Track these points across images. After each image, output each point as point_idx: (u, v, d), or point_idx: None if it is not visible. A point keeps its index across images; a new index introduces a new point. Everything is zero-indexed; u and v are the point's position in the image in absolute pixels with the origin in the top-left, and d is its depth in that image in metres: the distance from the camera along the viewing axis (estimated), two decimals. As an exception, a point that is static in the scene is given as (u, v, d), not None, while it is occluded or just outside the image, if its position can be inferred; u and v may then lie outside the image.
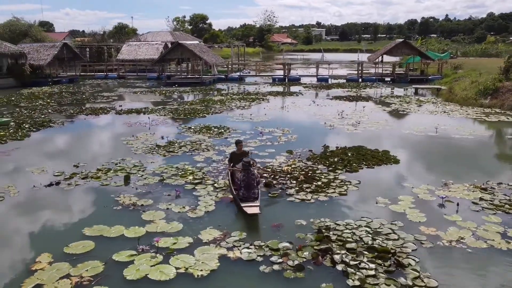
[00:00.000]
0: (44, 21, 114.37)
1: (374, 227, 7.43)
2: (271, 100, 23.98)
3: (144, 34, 64.45)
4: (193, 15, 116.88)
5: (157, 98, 25.62)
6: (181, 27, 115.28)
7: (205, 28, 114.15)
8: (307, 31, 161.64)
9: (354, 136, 14.63)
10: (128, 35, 78.08)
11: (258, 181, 8.76)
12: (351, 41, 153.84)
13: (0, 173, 10.91)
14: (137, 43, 44.46)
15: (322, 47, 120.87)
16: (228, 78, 35.83)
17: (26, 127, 16.17)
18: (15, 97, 25.39)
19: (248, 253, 6.59)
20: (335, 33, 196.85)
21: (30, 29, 63.13)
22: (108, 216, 8.01)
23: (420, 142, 13.99)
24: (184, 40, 59.50)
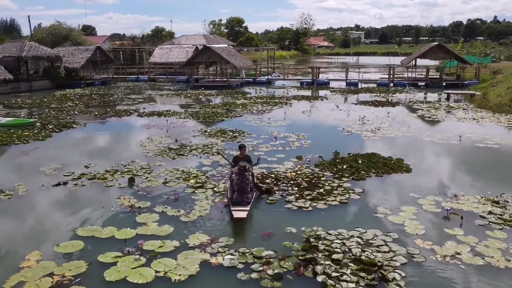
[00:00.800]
0: (87, 25, 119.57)
1: (367, 238, 7.23)
2: (294, 104, 23.86)
3: (178, 38, 65.89)
4: (230, 19, 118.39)
5: (182, 101, 26.10)
6: (217, 30, 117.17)
7: (240, 31, 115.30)
8: (344, 34, 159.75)
9: (371, 143, 14.30)
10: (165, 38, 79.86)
11: (252, 186, 8.76)
12: (391, 44, 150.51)
13: (15, 172, 11.51)
14: (168, 47, 45.52)
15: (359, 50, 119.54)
16: (256, 82, 35.96)
17: (50, 127, 16.93)
18: (48, 98, 26.65)
19: (230, 259, 6.58)
20: (374, 36, 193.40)
21: (70, 33, 66.18)
22: (104, 217, 8.24)
23: (439, 150, 13.46)
24: (217, 43, 60.45)
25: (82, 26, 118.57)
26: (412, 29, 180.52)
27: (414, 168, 11.30)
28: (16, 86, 30.62)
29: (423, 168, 11.42)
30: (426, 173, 11.03)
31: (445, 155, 12.95)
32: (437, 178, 10.63)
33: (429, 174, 10.97)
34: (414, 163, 11.74)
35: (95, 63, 36.87)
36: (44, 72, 33.10)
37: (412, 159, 12.05)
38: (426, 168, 11.52)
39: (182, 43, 53.40)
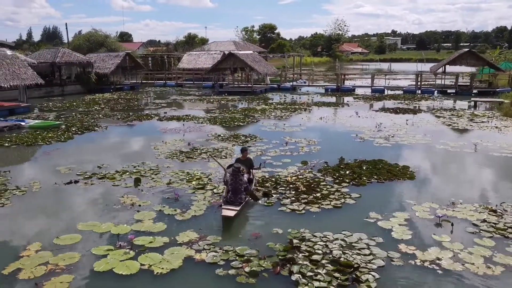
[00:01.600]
0: (124, 32, 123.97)
1: (351, 241, 7.40)
2: (314, 110, 24.02)
3: (208, 44, 67.33)
4: (262, 25, 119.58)
5: (203, 106, 26.80)
6: (249, 37, 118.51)
7: (272, 38, 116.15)
8: (380, 40, 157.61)
9: (381, 150, 14.31)
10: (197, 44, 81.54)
11: (246, 187, 9.13)
12: (430, 50, 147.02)
13: (34, 170, 12.38)
14: (196, 53, 46.69)
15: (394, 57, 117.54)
16: (281, 88, 36.30)
17: (73, 130, 17.92)
18: (77, 102, 28.05)
19: (213, 256, 6.94)
20: (412, 41, 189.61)
21: (105, 40, 68.93)
22: (105, 214, 8.80)
23: (450, 158, 13.32)
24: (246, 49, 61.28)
25: (120, 33, 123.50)
26: (452, 34, 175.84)
27: (418, 176, 11.30)
28: (50, 91, 32.41)
29: (427, 176, 11.39)
30: (429, 181, 11.00)
31: (454, 164, 12.81)
32: (439, 186, 10.59)
33: (432, 182, 10.93)
34: (419, 170, 11.73)
35: (125, 69, 38.38)
36: (76, 77, 34.84)
37: (419, 167, 12.03)
38: (431, 175, 11.47)
39: (212, 50, 54.59)
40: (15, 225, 8.36)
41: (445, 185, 10.69)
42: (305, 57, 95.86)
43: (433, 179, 11.18)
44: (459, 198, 9.52)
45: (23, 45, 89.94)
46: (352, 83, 39.53)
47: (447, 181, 11.03)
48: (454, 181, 11.12)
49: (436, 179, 11.20)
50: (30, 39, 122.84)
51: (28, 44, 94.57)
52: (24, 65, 24.38)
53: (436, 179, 11.16)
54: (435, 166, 12.44)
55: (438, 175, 11.54)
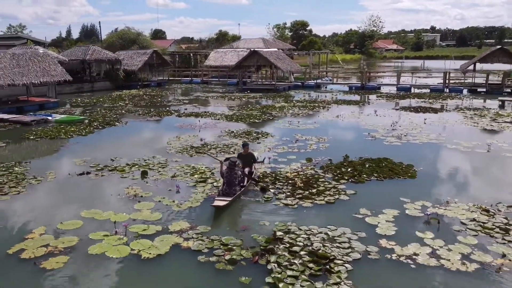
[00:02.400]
0: (158, 29, 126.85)
1: (333, 235, 7.69)
2: (333, 108, 24.10)
3: (237, 41, 67.98)
4: (294, 22, 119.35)
5: (224, 103, 27.39)
6: (281, 34, 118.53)
7: (304, 35, 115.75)
8: (417, 36, 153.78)
9: (390, 149, 14.38)
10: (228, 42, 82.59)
11: (240, 180, 9.68)
12: (471, 47, 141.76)
13: (52, 161, 13.30)
14: (223, 50, 47.42)
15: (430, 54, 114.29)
16: (304, 86, 36.43)
17: (95, 124, 18.90)
18: (104, 98, 29.31)
19: (199, 244, 7.42)
20: (452, 38, 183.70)
21: (138, 37, 71.05)
22: (108, 203, 9.46)
23: (458, 158, 13.25)
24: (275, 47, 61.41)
25: (154, 30, 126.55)
26: (496, 30, 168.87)
27: (421, 174, 11.37)
28: (80, 87, 33.97)
29: (429, 175, 11.42)
30: (430, 180, 11.03)
31: (461, 163, 12.74)
32: (438, 185, 10.64)
33: (433, 181, 10.97)
34: (423, 169, 11.78)
35: (152, 66, 39.58)
36: (105, 74, 36.30)
37: (424, 166, 12.07)
38: (433, 175, 11.50)
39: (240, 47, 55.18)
40: (25, 211, 9.13)
41: (445, 184, 10.73)
42: (336, 55, 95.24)
43: (434, 178, 11.21)
44: (456, 197, 9.59)
45: (63, 43, 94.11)
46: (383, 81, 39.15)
47: (448, 181, 11.06)
48: (456, 180, 11.13)
49: (437, 178, 11.23)
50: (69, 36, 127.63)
51: (67, 42, 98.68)
52: (54, 63, 25.76)
53: (437, 179, 11.19)
54: (440, 166, 12.43)
55: (440, 175, 11.55)
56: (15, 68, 23.15)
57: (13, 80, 22.52)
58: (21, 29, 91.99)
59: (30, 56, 24.74)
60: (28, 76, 23.42)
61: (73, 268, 6.71)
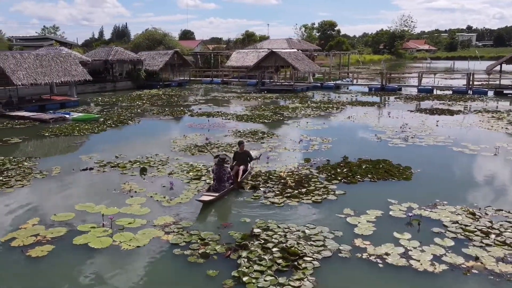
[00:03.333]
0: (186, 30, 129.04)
1: (310, 233, 7.86)
2: (347, 109, 24.03)
3: (261, 42, 68.42)
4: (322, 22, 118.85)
5: (239, 103, 27.74)
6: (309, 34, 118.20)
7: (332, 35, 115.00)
8: (451, 36, 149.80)
9: (393, 150, 14.33)
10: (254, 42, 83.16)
11: (229, 177, 10.02)
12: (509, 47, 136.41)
13: (60, 157, 13.99)
14: (245, 51, 47.85)
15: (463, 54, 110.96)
16: (323, 86, 36.35)
17: (109, 123, 19.63)
18: (123, 97, 30.23)
19: (178, 238, 7.75)
20: (489, 38, 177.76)
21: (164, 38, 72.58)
22: (103, 197, 9.93)
23: (462, 161, 13.08)
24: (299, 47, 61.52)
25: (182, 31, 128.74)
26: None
27: (416, 177, 11.33)
28: (103, 86, 35.16)
29: (425, 177, 11.35)
30: (424, 182, 10.99)
31: (461, 166, 12.59)
32: (431, 188, 10.57)
33: (427, 183, 10.91)
34: (420, 171, 11.73)
35: (173, 66, 40.46)
36: (127, 74, 37.40)
37: (422, 168, 12.00)
38: (429, 177, 11.41)
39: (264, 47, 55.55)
40: (25, 203, 9.71)
41: (438, 187, 10.65)
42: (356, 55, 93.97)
43: (429, 180, 11.13)
44: (446, 199, 9.52)
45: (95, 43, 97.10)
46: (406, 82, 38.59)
47: (443, 183, 10.96)
48: (450, 183, 11.02)
49: (432, 181, 11.14)
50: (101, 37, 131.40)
51: (99, 43, 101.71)
52: (75, 63, 26.84)
53: (432, 181, 11.10)
54: (439, 168, 12.30)
55: (436, 177, 11.45)
56: (38, 68, 24.28)
57: (36, 80, 23.63)
58: (54, 31, 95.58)
59: (53, 56, 25.88)
60: (50, 76, 24.51)
61: (55, 256, 7.18)
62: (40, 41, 43.53)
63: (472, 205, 9.25)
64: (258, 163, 12.58)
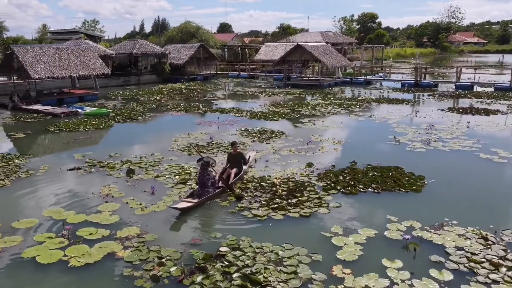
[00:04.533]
0: (224, 23, 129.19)
1: (284, 256, 6.84)
2: (372, 107, 22.51)
3: (294, 35, 66.72)
4: (362, 14, 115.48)
5: (259, 98, 26.72)
6: (348, 27, 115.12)
7: (373, 28, 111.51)
8: (503, 28, 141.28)
9: (409, 155, 12.96)
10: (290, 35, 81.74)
11: (213, 182, 9.34)
12: None
13: (53, 155, 13.62)
14: (274, 44, 46.66)
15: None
16: (353, 82, 34.64)
17: (118, 118, 19.22)
18: (143, 91, 29.95)
19: (134, 254, 6.95)
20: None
21: (197, 31, 72.61)
22: (76, 201, 9.31)
23: (486, 171, 11.55)
24: (334, 40, 59.60)
25: (220, 24, 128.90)
26: None
27: (428, 188, 9.99)
28: (127, 80, 35.16)
29: (439, 189, 9.98)
30: (435, 196, 9.62)
31: (485, 177, 11.08)
32: (443, 202, 9.24)
33: (439, 197, 9.56)
34: (434, 182, 10.37)
35: (199, 60, 39.93)
36: (152, 67, 37.20)
37: (437, 178, 10.63)
38: (444, 189, 10.02)
39: (298, 40, 54.09)
40: (-6, 205, 9.26)
41: (451, 202, 9.29)
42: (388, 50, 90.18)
43: (442, 194, 9.76)
44: (457, 218, 8.20)
45: (136, 37, 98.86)
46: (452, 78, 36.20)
47: (458, 198, 9.58)
48: (467, 198, 9.60)
49: (445, 194, 9.76)
50: (142, 31, 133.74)
51: (140, 36, 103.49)
52: (95, 56, 26.74)
53: (445, 195, 9.72)
54: (457, 179, 10.87)
55: (451, 190, 10.05)
56: (57, 62, 24.30)
57: (53, 73, 23.65)
58: (94, 24, 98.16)
59: (73, 50, 25.88)
60: (68, 69, 24.49)
61: (-6, 271, 6.56)
62: (70, 35, 44.26)
63: (488, 227, 7.87)
64: (253, 166, 11.69)
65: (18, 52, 23.54)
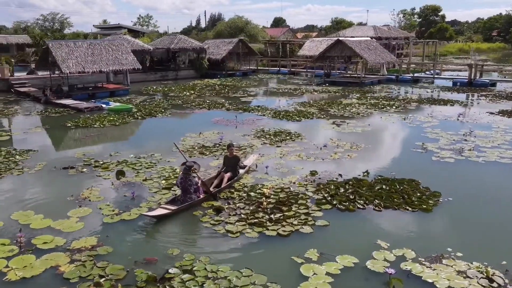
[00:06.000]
0: (278, 17, 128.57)
1: (239, 284, 6.00)
2: (411, 108, 20.73)
3: (344, 30, 64.38)
4: (424, 7, 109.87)
5: (291, 96, 25.66)
6: (407, 21, 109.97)
7: (435, 21, 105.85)
8: None
9: (433, 166, 11.55)
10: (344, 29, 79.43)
11: (196, 188, 8.79)
12: None
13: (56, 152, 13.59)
14: (319, 39, 45.13)
15: None
16: (399, 80, 32.52)
17: (137, 115, 19.08)
18: (176, 87, 29.85)
19: (77, 270, 6.41)
20: None
21: (246, 26, 72.49)
22: (51, 204, 8.99)
23: (520, 188, 9.92)
24: (388, 35, 56.96)
25: (274, 18, 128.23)
26: None
27: (441, 208, 8.66)
28: (165, 75, 35.40)
29: (452, 211, 8.61)
30: (446, 218, 8.31)
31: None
32: (451, 228, 7.93)
33: (449, 220, 8.23)
34: (452, 200, 9.00)
35: (238, 55, 39.40)
36: (190, 62, 37.18)
37: (456, 196, 9.25)
38: (458, 211, 8.62)
39: (347, 35, 52.12)
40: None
41: (464, 227, 7.95)
42: (468, 43, 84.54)
43: (457, 216, 8.40)
44: (463, 249, 6.91)
45: (192, 31, 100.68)
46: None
47: (474, 223, 8.17)
48: (485, 224, 8.13)
49: (460, 217, 8.39)
50: (198, 25, 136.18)
51: (197, 30, 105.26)
52: (127, 51, 26.96)
53: (460, 218, 8.35)
54: (480, 198, 9.36)
55: (469, 212, 8.64)
56: (89, 57, 24.74)
57: (84, 68, 24.08)
58: (148, 19, 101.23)
59: (106, 45, 26.25)
60: (99, 64, 24.86)
61: None
62: (114, 30, 45.43)
63: (499, 263, 6.53)
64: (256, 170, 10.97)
65: (52, 47, 24.21)
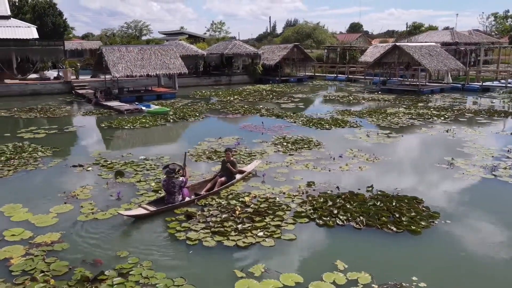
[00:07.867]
0: (354, 23, 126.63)
1: (163, 293, 5.91)
2: (461, 120, 19.13)
3: (418, 35, 61.28)
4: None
5: (335, 103, 24.90)
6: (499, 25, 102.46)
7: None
8: None
9: (451, 184, 10.57)
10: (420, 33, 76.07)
11: (180, 189, 9.03)
12: None
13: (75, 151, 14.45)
14: (383, 45, 43.48)
15: None
16: (465, 88, 30.22)
17: (170, 118, 19.66)
18: (225, 92, 30.27)
19: (24, 264, 6.71)
20: None
21: (313, 31, 72.14)
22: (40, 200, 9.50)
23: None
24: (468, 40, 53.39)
25: (350, 24, 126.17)
26: None
27: (433, 231, 7.89)
28: (218, 80, 36.20)
29: (444, 236, 7.76)
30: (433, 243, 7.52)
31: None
32: (431, 255, 7.12)
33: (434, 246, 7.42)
34: (450, 224, 8.17)
35: (294, 61, 39.14)
36: (244, 68, 37.64)
37: (460, 219, 8.40)
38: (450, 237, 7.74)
39: (420, 40, 49.73)
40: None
41: (444, 258, 7.11)
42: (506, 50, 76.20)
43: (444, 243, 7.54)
44: (430, 282, 6.21)
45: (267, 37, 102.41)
46: None
47: (460, 255, 7.28)
48: (472, 262, 7.22)
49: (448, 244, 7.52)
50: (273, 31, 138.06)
51: (271, 36, 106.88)
52: (175, 56, 27.93)
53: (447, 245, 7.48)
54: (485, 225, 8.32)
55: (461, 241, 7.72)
56: (138, 61, 26.04)
57: (132, 72, 25.37)
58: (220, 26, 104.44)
59: (155, 50, 27.47)
60: (147, 68, 26.06)
61: None
62: (176, 35, 47.39)
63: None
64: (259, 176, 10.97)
65: (105, 52, 25.83)
